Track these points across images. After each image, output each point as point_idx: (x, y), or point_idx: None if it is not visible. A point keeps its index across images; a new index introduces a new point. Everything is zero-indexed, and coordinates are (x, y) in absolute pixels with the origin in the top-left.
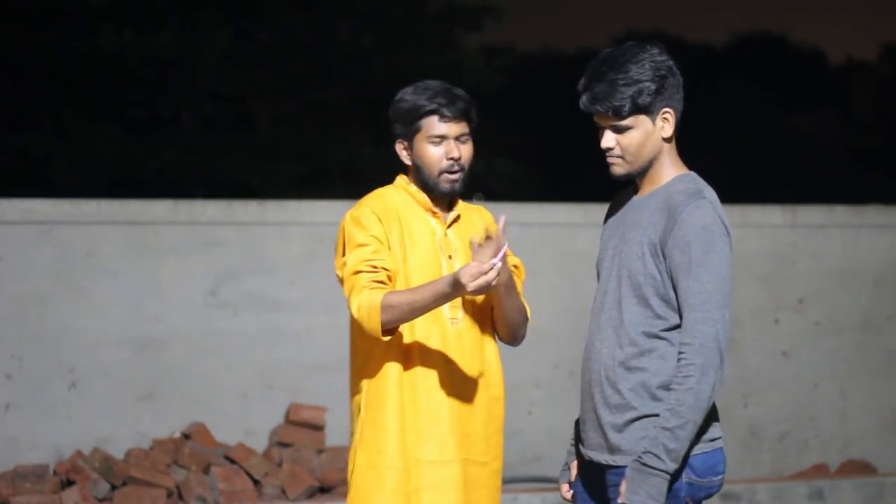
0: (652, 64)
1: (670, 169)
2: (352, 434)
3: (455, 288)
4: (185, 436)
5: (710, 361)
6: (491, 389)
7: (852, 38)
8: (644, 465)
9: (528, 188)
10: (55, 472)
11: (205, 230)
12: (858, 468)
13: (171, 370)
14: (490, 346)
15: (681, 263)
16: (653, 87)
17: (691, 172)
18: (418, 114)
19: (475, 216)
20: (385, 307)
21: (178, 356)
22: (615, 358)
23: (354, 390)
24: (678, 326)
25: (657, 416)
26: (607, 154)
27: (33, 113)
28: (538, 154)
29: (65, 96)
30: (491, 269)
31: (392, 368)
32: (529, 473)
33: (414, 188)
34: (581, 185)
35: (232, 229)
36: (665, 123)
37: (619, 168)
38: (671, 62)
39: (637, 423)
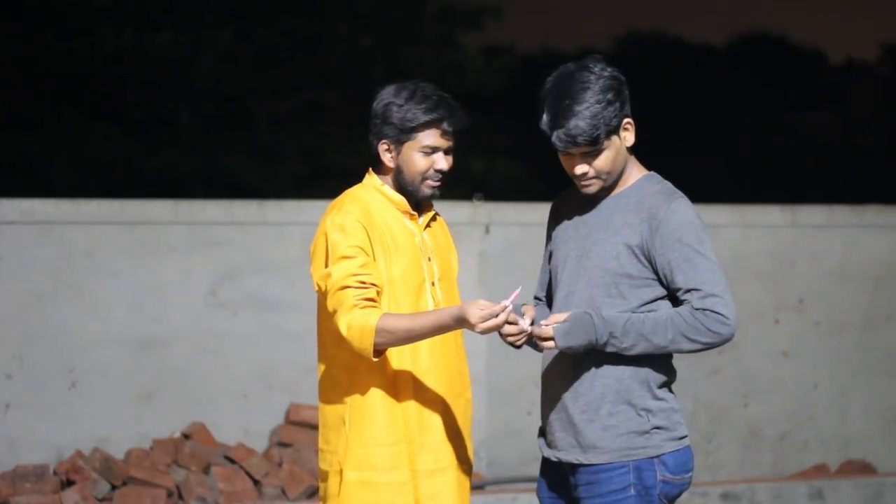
0: (606, 83)
1: (633, 170)
2: (327, 442)
3: (459, 323)
4: (185, 436)
5: (719, 332)
6: (466, 392)
7: (852, 38)
8: (594, 326)
9: (528, 188)
10: (55, 472)
11: (205, 230)
12: (858, 468)
13: (171, 370)
14: (462, 346)
15: (673, 260)
16: (617, 106)
17: (654, 172)
18: (417, 124)
19: (435, 221)
20: (380, 331)
21: (178, 356)
22: (587, 357)
23: (332, 400)
24: None
25: (632, 407)
26: (581, 178)
27: (33, 113)
28: (538, 154)
29: (65, 96)
30: (502, 310)
31: (381, 381)
32: (529, 473)
33: (389, 190)
34: None
35: (232, 229)
36: (627, 133)
37: (594, 188)
38: (617, 71)
39: (613, 420)
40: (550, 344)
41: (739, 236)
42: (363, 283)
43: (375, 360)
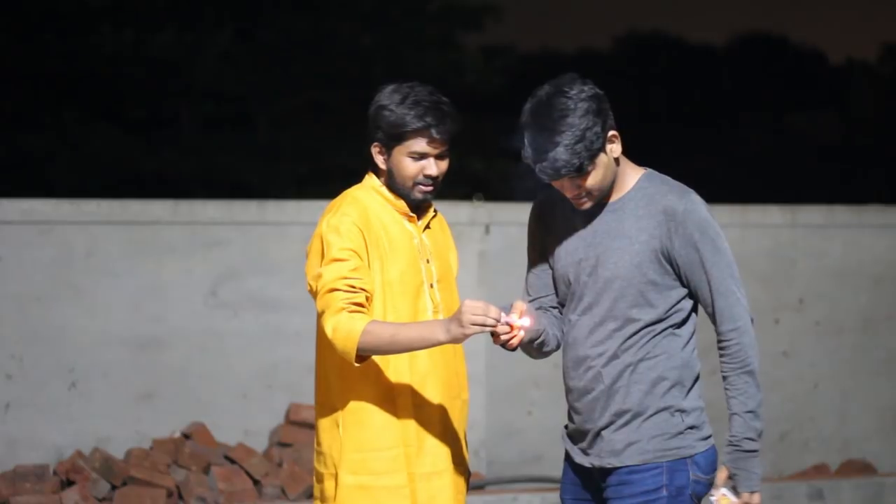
0: (585, 105)
1: (629, 171)
2: (319, 444)
3: (448, 326)
4: (185, 436)
5: (753, 336)
6: (463, 393)
7: (852, 38)
8: (746, 451)
9: (528, 188)
10: (55, 472)
11: (205, 230)
12: (858, 468)
13: (171, 370)
14: (460, 347)
15: (695, 259)
16: (598, 128)
17: (650, 169)
18: (404, 130)
19: (435, 221)
20: (365, 336)
21: (178, 356)
22: (619, 365)
23: (325, 403)
24: (682, 322)
25: (667, 409)
26: (574, 198)
27: (33, 113)
28: None
29: (65, 96)
30: (495, 315)
31: (376, 384)
32: (529, 473)
33: (388, 192)
34: None
35: (232, 229)
36: (613, 145)
37: (589, 204)
38: (594, 87)
39: (649, 422)
40: (756, 498)
41: (739, 236)
42: (353, 287)
43: (357, 365)
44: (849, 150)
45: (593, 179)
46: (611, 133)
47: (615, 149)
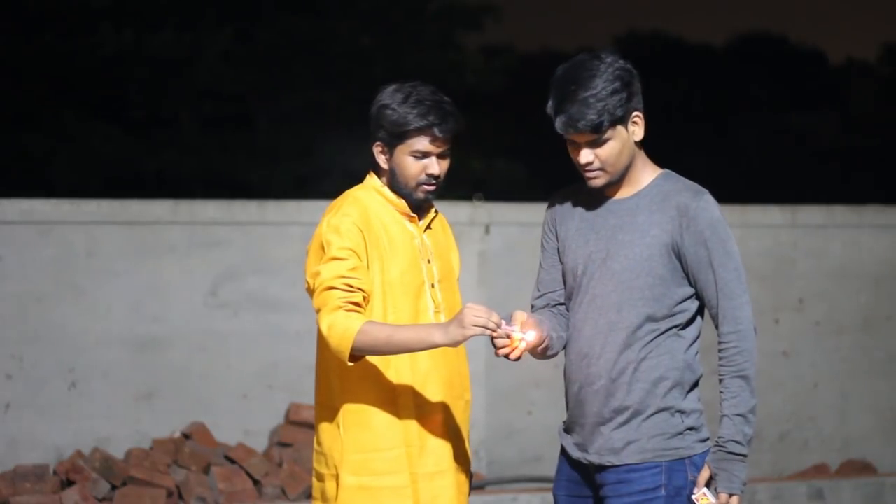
0: (616, 73)
1: (647, 168)
2: (319, 444)
3: (447, 328)
4: (185, 436)
5: (753, 342)
6: (466, 394)
7: (852, 38)
8: (731, 453)
9: (528, 188)
10: (55, 472)
11: (205, 230)
12: (858, 468)
13: (171, 370)
14: (462, 347)
15: (704, 257)
16: (624, 95)
17: (668, 170)
18: (407, 129)
19: (436, 221)
20: (361, 335)
21: (178, 356)
22: (622, 360)
23: (325, 403)
24: (687, 324)
25: (667, 409)
26: (587, 168)
27: (33, 113)
28: (538, 154)
29: (65, 96)
30: (497, 322)
31: (377, 385)
32: (529, 473)
33: (388, 192)
34: None
35: (232, 229)
36: (635, 127)
37: (599, 180)
38: (629, 65)
39: (648, 422)
40: (735, 501)
41: (739, 236)
42: (350, 286)
43: (351, 364)
44: (849, 150)
45: (609, 150)
46: (635, 113)
47: (637, 131)
